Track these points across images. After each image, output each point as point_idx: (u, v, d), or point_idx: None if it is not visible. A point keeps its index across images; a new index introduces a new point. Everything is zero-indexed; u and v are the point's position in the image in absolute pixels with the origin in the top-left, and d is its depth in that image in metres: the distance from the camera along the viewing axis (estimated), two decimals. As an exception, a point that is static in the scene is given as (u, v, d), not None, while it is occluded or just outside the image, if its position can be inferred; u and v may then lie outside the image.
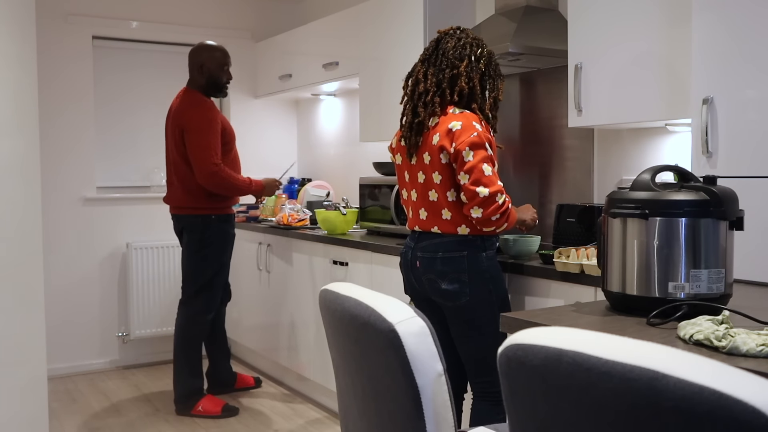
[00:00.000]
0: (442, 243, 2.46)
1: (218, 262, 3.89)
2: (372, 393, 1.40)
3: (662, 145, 2.94)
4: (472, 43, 2.50)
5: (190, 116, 3.72)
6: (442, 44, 2.50)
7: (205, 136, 3.70)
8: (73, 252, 4.71)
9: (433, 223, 2.48)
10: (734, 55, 2.13)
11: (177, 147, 3.79)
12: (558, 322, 1.62)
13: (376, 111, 3.94)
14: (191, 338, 3.90)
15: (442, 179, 2.43)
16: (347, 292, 1.44)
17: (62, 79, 4.65)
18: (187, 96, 3.82)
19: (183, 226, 3.89)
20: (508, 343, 1.02)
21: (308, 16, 5.26)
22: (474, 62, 2.48)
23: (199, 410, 3.86)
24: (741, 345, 1.31)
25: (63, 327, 4.66)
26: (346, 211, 3.89)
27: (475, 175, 2.34)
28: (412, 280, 2.57)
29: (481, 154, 2.36)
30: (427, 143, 2.45)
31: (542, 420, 0.98)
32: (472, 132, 2.36)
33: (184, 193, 3.82)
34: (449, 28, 2.55)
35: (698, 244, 1.64)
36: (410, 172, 2.56)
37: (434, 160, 2.43)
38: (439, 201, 2.46)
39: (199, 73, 3.82)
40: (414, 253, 2.53)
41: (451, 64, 2.46)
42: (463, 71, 2.45)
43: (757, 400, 0.74)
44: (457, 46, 2.48)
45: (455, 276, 2.43)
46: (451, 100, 2.46)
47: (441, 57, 2.48)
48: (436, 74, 2.47)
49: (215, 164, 3.70)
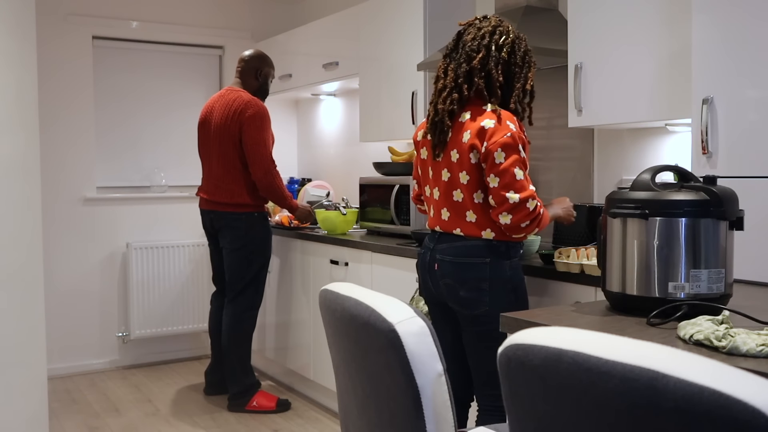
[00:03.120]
0: (464, 247, 2.32)
1: (263, 257, 3.96)
2: (372, 393, 1.40)
3: (662, 145, 2.94)
4: (494, 31, 2.31)
5: (252, 113, 3.79)
6: (463, 36, 2.36)
7: (263, 133, 3.81)
8: (73, 252, 4.71)
9: (456, 225, 2.34)
10: (734, 55, 2.13)
11: (233, 142, 3.81)
12: (558, 322, 1.62)
13: (376, 111, 3.94)
14: (242, 335, 3.95)
15: (470, 179, 2.29)
16: (347, 292, 1.44)
17: (62, 79, 4.65)
18: (242, 94, 3.87)
19: (225, 224, 3.90)
20: (508, 343, 1.02)
21: (308, 16, 5.26)
22: (495, 52, 2.29)
23: (254, 406, 3.92)
24: (741, 345, 1.31)
25: (63, 327, 4.66)
26: (346, 211, 3.90)
27: (506, 179, 2.20)
28: (429, 283, 2.44)
29: (514, 156, 2.21)
30: (457, 140, 2.31)
31: (542, 420, 0.98)
32: (506, 132, 2.21)
33: (237, 190, 3.85)
34: (473, 19, 2.39)
35: (698, 244, 1.64)
36: (434, 169, 2.41)
37: (463, 159, 2.29)
38: (464, 202, 2.31)
39: (255, 78, 4.00)
40: (433, 255, 2.40)
41: (468, 57, 2.31)
42: (478, 65, 2.28)
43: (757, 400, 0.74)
44: (476, 37, 2.31)
45: (475, 283, 2.29)
46: (468, 96, 2.31)
47: (460, 50, 2.33)
48: (455, 69, 2.33)
49: (273, 162, 3.83)
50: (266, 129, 3.83)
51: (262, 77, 3.99)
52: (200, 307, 5.00)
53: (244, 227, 3.88)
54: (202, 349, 5.07)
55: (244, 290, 3.93)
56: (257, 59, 4.00)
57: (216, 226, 3.96)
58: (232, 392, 3.96)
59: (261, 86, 4.01)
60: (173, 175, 5.08)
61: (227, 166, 3.84)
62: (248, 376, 3.97)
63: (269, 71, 4.04)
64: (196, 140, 5.10)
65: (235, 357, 3.93)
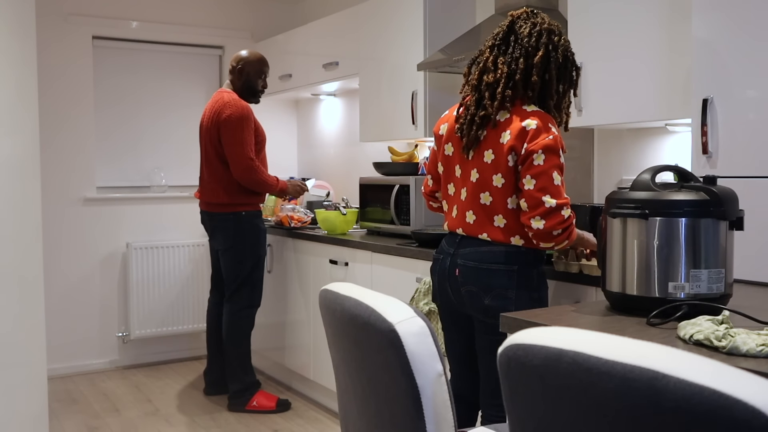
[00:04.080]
0: (491, 253, 2.19)
1: (255, 256, 3.96)
2: (372, 393, 1.40)
3: (662, 145, 2.94)
4: (551, 30, 2.18)
5: (228, 114, 3.81)
6: (515, 29, 2.19)
7: (240, 133, 3.79)
8: (73, 252, 4.71)
9: (483, 229, 2.20)
10: (734, 55, 2.13)
11: (213, 144, 3.87)
12: (558, 322, 1.62)
13: (376, 111, 3.94)
14: (240, 334, 3.97)
15: (505, 183, 2.15)
16: (347, 292, 1.44)
17: (62, 79, 4.65)
18: (224, 95, 3.90)
19: (215, 225, 3.95)
20: (508, 343, 1.02)
21: (308, 16, 5.26)
22: (552, 52, 2.17)
23: (254, 405, 3.93)
24: (741, 345, 1.31)
25: (63, 327, 4.66)
26: (346, 211, 3.90)
27: (543, 181, 2.07)
28: (448, 290, 2.29)
29: (554, 160, 2.08)
30: (493, 141, 2.16)
31: (542, 420, 0.98)
32: (549, 134, 2.09)
33: (218, 190, 3.89)
34: (522, 11, 2.24)
35: (698, 244, 1.64)
36: (463, 168, 2.26)
37: (500, 161, 2.15)
38: (494, 205, 2.18)
39: (238, 77, 3.97)
40: (453, 260, 2.25)
41: (527, 52, 2.15)
42: (539, 62, 2.14)
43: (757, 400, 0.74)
44: (533, 32, 2.17)
45: (502, 292, 2.17)
46: (524, 94, 2.18)
47: (514, 44, 2.17)
48: (509, 63, 2.16)
49: (251, 159, 3.81)
50: (243, 128, 3.80)
51: (244, 75, 3.96)
52: (200, 307, 5.01)
53: (232, 227, 3.91)
54: (202, 349, 5.07)
55: (240, 289, 3.95)
56: (241, 59, 3.98)
57: (209, 226, 4.02)
58: (232, 390, 3.97)
59: (245, 84, 3.98)
60: (173, 175, 5.08)
61: (211, 167, 3.91)
62: (248, 375, 3.98)
63: (249, 64, 3.96)
64: (196, 140, 5.14)
65: (235, 355, 3.95)
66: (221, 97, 3.89)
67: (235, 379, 3.95)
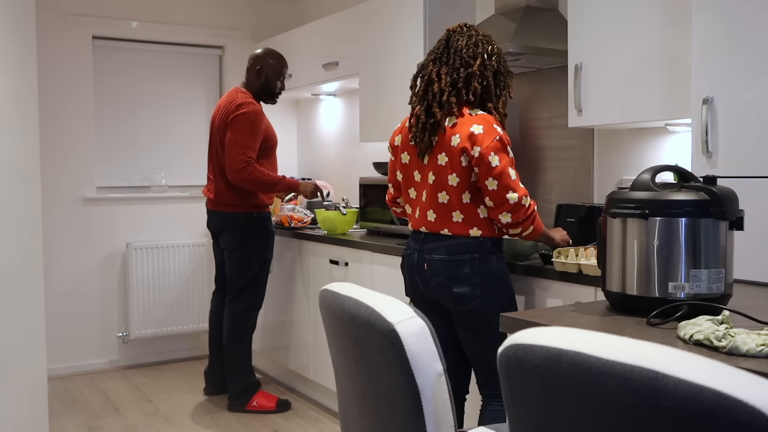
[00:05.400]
0: (453, 245, 2.41)
1: (262, 258, 3.94)
2: (372, 393, 1.40)
3: (662, 145, 2.94)
4: (483, 41, 2.45)
5: (236, 115, 3.76)
6: (452, 42, 2.45)
7: (241, 134, 3.73)
8: (73, 252, 4.71)
9: (443, 225, 2.43)
10: (734, 55, 2.13)
11: (222, 143, 3.83)
12: (558, 322, 1.62)
13: (376, 111, 3.94)
14: (242, 335, 3.95)
15: (459, 181, 2.38)
16: (347, 292, 1.44)
17: (62, 79, 4.65)
18: (239, 95, 3.85)
19: (224, 224, 3.91)
20: (508, 343, 1.02)
21: (308, 16, 5.26)
22: (487, 60, 2.43)
23: (254, 406, 3.92)
24: (741, 345, 1.31)
25: (63, 327, 4.66)
26: (346, 211, 3.90)
27: (504, 180, 2.32)
28: (418, 282, 2.51)
29: (506, 158, 2.34)
30: (445, 144, 2.40)
31: (542, 420, 0.98)
32: (495, 136, 2.34)
33: (228, 190, 3.85)
34: (457, 25, 2.50)
35: (698, 244, 1.64)
36: (421, 172, 2.50)
37: (453, 162, 2.38)
38: (451, 203, 2.41)
39: (256, 77, 3.91)
40: (420, 255, 2.48)
41: (465, 63, 2.41)
42: (477, 70, 2.40)
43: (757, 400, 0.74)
44: (469, 44, 2.43)
45: (466, 279, 2.39)
46: (467, 100, 2.42)
47: (453, 55, 2.42)
48: (450, 73, 2.41)
49: (245, 160, 3.70)
50: (248, 130, 3.73)
51: (263, 75, 3.90)
52: (200, 307, 5.00)
53: (242, 228, 3.87)
54: (202, 349, 5.07)
55: (244, 291, 3.93)
56: (260, 58, 3.93)
57: (217, 226, 3.97)
58: (232, 392, 3.96)
59: (263, 85, 3.92)
60: (173, 175, 5.08)
61: (221, 167, 3.86)
62: (249, 376, 3.97)
63: (269, 65, 3.91)
64: (196, 140, 5.13)
65: (235, 356, 3.94)
66: (235, 98, 3.84)
67: (236, 381, 3.95)
